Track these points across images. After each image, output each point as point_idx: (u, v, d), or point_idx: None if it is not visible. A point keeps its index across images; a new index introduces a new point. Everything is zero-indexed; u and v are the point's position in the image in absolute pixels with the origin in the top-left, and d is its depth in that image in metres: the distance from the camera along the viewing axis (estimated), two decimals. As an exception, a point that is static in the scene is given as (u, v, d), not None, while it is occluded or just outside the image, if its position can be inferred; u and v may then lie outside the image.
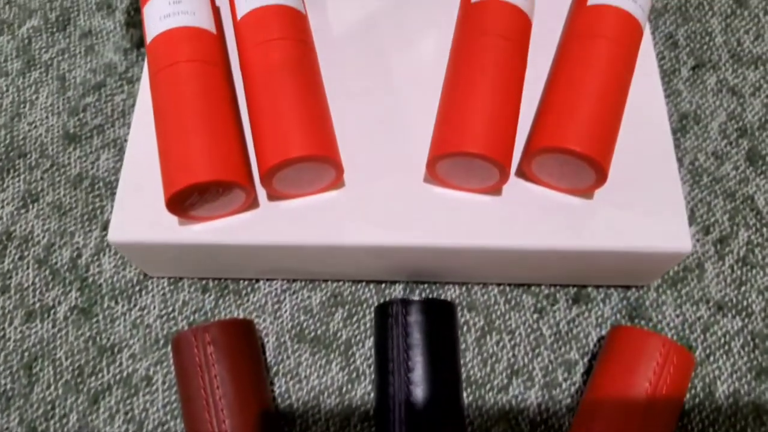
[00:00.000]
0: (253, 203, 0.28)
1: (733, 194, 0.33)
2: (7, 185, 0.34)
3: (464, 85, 0.27)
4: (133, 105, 0.36)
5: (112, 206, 0.34)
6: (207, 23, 0.29)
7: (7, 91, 0.37)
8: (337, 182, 0.28)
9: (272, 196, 0.28)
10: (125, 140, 0.35)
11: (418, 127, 0.30)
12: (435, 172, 0.28)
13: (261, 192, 0.28)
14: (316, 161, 0.26)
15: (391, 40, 0.32)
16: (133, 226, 0.28)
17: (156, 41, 0.28)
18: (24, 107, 0.36)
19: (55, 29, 0.38)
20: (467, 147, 0.26)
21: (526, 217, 0.28)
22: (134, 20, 0.39)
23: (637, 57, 0.28)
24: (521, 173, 0.29)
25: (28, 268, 0.32)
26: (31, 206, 0.34)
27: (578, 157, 0.25)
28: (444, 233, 0.28)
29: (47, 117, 0.36)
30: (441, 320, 0.28)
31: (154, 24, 0.28)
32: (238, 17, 0.29)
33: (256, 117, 0.27)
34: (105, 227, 0.33)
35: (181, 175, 0.25)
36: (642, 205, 0.28)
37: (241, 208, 0.28)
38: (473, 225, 0.28)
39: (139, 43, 0.38)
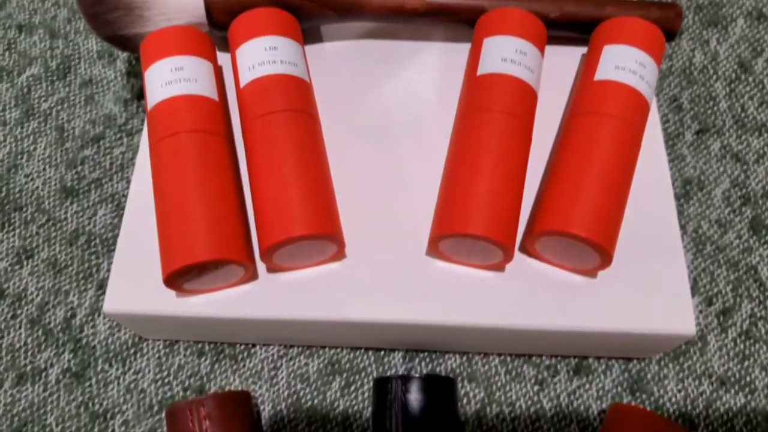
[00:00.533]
0: (252, 276, 0.28)
1: (736, 264, 0.33)
2: (1, 240, 0.34)
3: (468, 162, 0.27)
4: (132, 158, 0.36)
5: (108, 264, 0.33)
6: (209, 90, 0.28)
7: (5, 141, 0.36)
8: (339, 256, 0.28)
9: (272, 269, 0.28)
10: (123, 195, 0.35)
11: (421, 199, 0.29)
12: (437, 250, 0.27)
13: (261, 263, 0.28)
14: (319, 239, 0.26)
15: (396, 110, 0.32)
16: (129, 296, 0.27)
17: (157, 109, 0.28)
18: (21, 158, 0.36)
19: (55, 77, 0.38)
20: (471, 229, 0.25)
21: (529, 295, 0.27)
22: (135, 70, 0.38)
23: (643, 134, 0.28)
24: (524, 249, 0.28)
25: (20, 327, 0.32)
26: (25, 263, 0.33)
27: (583, 242, 0.25)
28: (445, 310, 0.27)
29: (44, 169, 0.36)
30: (441, 397, 0.27)
31: (156, 91, 0.28)
32: (241, 85, 0.29)
33: (257, 191, 0.26)
34: (101, 286, 0.33)
35: (180, 254, 0.25)
36: (645, 285, 0.28)
37: (239, 282, 0.27)
38: (475, 302, 0.27)
39: (140, 94, 0.37)
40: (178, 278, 0.25)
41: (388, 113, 0.32)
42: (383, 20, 0.32)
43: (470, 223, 0.25)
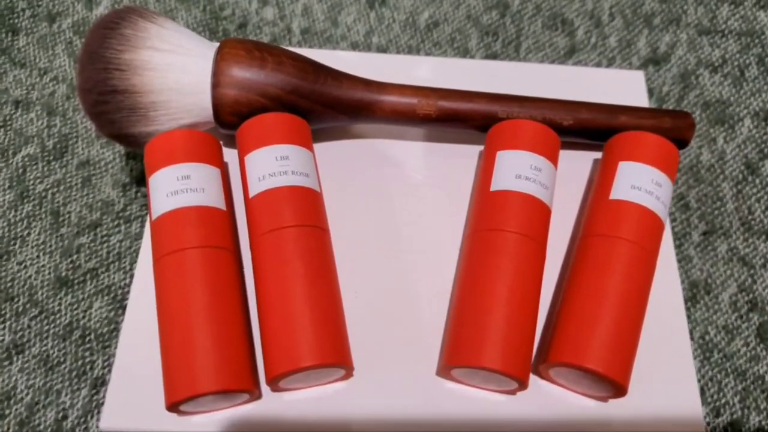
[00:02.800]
0: (256, 397, 0.27)
1: (743, 373, 0.33)
2: (-9, 333, 0.33)
3: (482, 288, 0.26)
4: (131, 247, 0.35)
5: (103, 362, 0.32)
6: (217, 200, 0.27)
7: (-3, 225, 0.35)
8: (346, 377, 0.27)
9: (276, 390, 0.27)
10: (120, 287, 0.34)
11: (430, 314, 0.29)
12: (448, 374, 0.27)
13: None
14: (327, 367, 0.25)
15: (405, 217, 0.31)
16: (127, 414, 0.26)
17: (162, 220, 0.27)
18: (14, 244, 0.35)
19: (51, 158, 0.37)
20: (486, 363, 0.25)
21: (540, 419, 0.27)
22: (134, 152, 0.37)
23: (657, 256, 0.28)
24: (537, 372, 0.28)
25: (8, 429, 0.31)
26: (15, 358, 0.32)
27: (599, 376, 0.25)
28: (455, 436, 0.26)
29: (38, 256, 0.34)
30: None
31: (161, 201, 0.27)
32: (250, 195, 0.28)
33: (265, 314, 0.26)
34: (94, 385, 0.31)
35: (185, 385, 0.24)
36: (658, 406, 0.27)
37: (242, 403, 0.26)
38: (486, 425, 0.27)
39: (139, 177, 0.36)
40: (180, 405, 0.24)
41: (397, 221, 0.31)
42: (394, 123, 0.31)
43: (485, 356, 0.25)
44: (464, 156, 0.33)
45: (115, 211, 0.36)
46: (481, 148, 0.33)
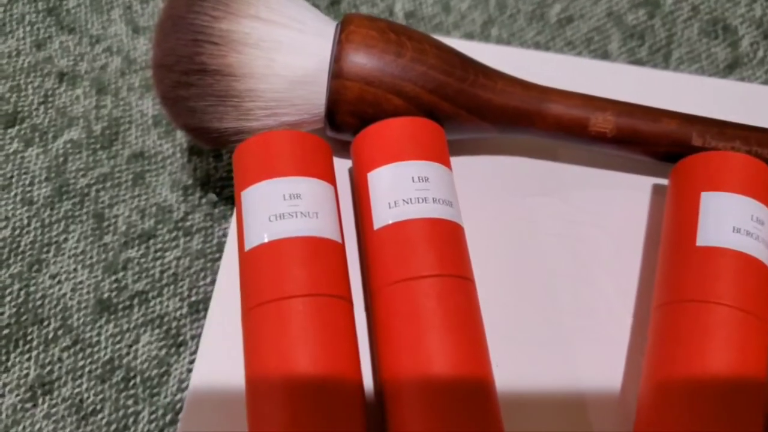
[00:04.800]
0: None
1: None
2: (12, 364, 0.26)
3: (691, 386, 0.19)
4: (189, 268, 0.27)
5: (149, 414, 0.25)
6: (333, 229, 0.20)
7: (29, 225, 0.28)
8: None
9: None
10: (175, 318, 0.27)
11: (599, 411, 0.22)
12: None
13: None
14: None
15: (561, 275, 0.24)
16: None
17: (258, 253, 0.20)
18: (48, 251, 0.28)
19: (98, 146, 0.30)
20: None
21: None
22: (204, 148, 0.30)
23: None
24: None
25: (25, 495, 0.24)
26: (41, 400, 0.25)
27: None
28: None
29: (76, 270, 0.27)
30: None
31: (259, 226, 0.20)
32: (375, 226, 0.21)
33: (393, 396, 0.19)
34: (137, 444, 0.25)
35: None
36: None
37: None
38: None
39: (205, 180, 0.29)
40: None
41: (549, 271, 0.24)
42: (554, 139, 0.24)
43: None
44: (634, 189, 0.26)
45: (174, 219, 0.29)
46: (656, 180, 0.26)
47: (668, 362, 0.20)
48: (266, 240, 0.20)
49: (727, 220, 0.21)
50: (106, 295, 0.27)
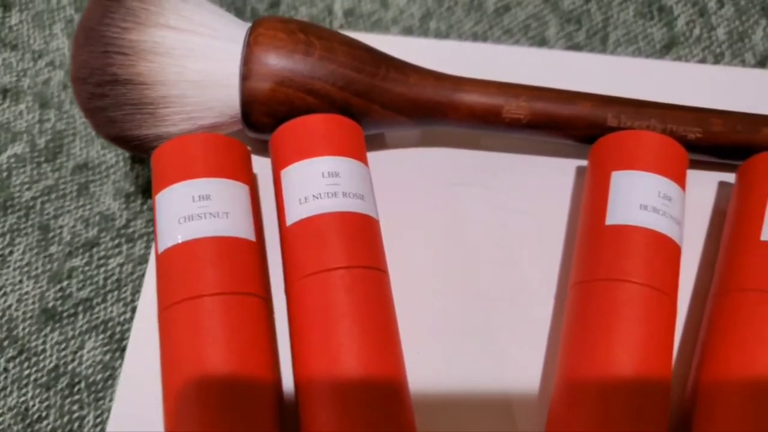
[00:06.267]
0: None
1: None
2: (-41, 376, 0.26)
3: (599, 360, 0.19)
4: (132, 273, 0.28)
5: (94, 418, 0.26)
6: (245, 229, 0.21)
7: (-26, 240, 0.29)
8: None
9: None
10: (119, 323, 0.27)
11: (521, 384, 0.22)
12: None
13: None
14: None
15: (485, 260, 0.24)
16: None
17: (170, 255, 0.20)
18: (-7, 265, 0.28)
19: (42, 159, 0.30)
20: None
21: None
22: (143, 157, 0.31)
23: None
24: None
25: (-25, 503, 0.24)
26: (-13, 410, 0.26)
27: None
28: None
29: (21, 281, 0.28)
30: None
31: (170, 228, 0.20)
32: (288, 222, 0.21)
33: (305, 388, 0.19)
34: (83, 448, 0.25)
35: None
36: None
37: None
38: None
39: (146, 186, 0.30)
40: None
41: (473, 257, 0.24)
42: (471, 128, 0.25)
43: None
44: (557, 172, 0.26)
45: (116, 227, 0.29)
46: (580, 162, 0.26)
47: (579, 341, 0.20)
48: (177, 242, 0.20)
49: (634, 198, 0.21)
50: (51, 304, 0.28)
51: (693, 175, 0.26)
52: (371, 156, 0.26)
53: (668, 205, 0.21)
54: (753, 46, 0.34)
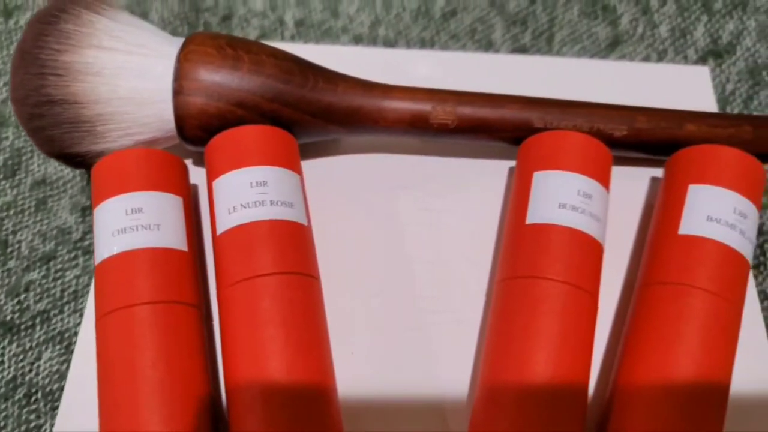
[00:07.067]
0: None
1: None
2: None
3: (517, 355, 0.20)
4: (88, 285, 0.29)
5: (51, 426, 0.26)
6: (176, 239, 0.22)
7: (-66, 257, 0.30)
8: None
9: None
10: (75, 333, 0.28)
11: (451, 382, 0.23)
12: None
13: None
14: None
15: (419, 261, 0.25)
16: None
17: (105, 267, 0.21)
18: (-47, 280, 0.29)
19: (1, 176, 0.31)
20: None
21: None
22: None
23: (743, 310, 0.21)
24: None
25: None
26: (-52, 422, 0.27)
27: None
28: None
29: (-19, 296, 0.29)
30: None
31: (104, 242, 0.21)
32: (218, 231, 0.22)
33: (234, 392, 0.20)
34: (40, 457, 0.26)
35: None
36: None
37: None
38: None
39: (103, 199, 0.31)
40: None
41: (407, 259, 0.25)
42: (403, 135, 0.25)
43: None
44: (492, 174, 0.27)
45: (73, 240, 0.30)
46: (513, 164, 0.27)
47: (499, 338, 0.21)
48: (111, 253, 0.21)
49: (553, 197, 0.22)
50: (9, 317, 0.29)
51: (627, 172, 0.27)
52: (308, 164, 0.27)
53: (588, 203, 0.22)
54: (695, 42, 0.34)
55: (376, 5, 0.36)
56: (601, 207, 0.22)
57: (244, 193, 0.22)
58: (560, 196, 0.22)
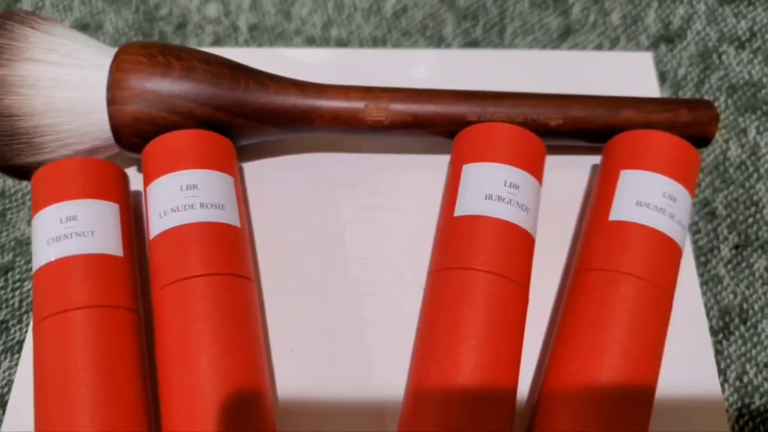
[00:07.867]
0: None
1: (794, 422, 0.26)
2: None
3: (444, 347, 0.20)
4: (47, 294, 0.29)
5: (10, 435, 0.27)
6: (111, 245, 0.22)
7: None
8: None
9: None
10: (34, 343, 0.28)
11: (390, 376, 0.23)
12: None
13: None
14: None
15: (359, 257, 0.25)
16: None
17: (41, 274, 0.21)
18: None
19: (-40, 190, 0.32)
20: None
21: None
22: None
23: (674, 294, 0.22)
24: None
25: None
26: None
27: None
28: None
29: (-59, 309, 0.30)
30: None
31: (40, 250, 0.22)
32: (151, 236, 0.22)
33: (166, 396, 0.20)
34: (0, 465, 0.26)
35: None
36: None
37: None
38: None
39: (60, 210, 0.31)
40: None
41: (347, 255, 0.25)
42: (339, 133, 0.25)
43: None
44: (433, 169, 0.27)
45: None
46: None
47: (427, 330, 0.21)
48: (48, 260, 0.21)
49: (480, 188, 0.22)
50: (-32, 329, 0.29)
51: (570, 161, 0.27)
52: (248, 165, 0.27)
53: (515, 194, 0.22)
54: (646, 28, 0.34)
55: (327, 6, 0.36)
56: (530, 197, 0.23)
57: (175, 196, 0.22)
58: (486, 188, 0.22)
